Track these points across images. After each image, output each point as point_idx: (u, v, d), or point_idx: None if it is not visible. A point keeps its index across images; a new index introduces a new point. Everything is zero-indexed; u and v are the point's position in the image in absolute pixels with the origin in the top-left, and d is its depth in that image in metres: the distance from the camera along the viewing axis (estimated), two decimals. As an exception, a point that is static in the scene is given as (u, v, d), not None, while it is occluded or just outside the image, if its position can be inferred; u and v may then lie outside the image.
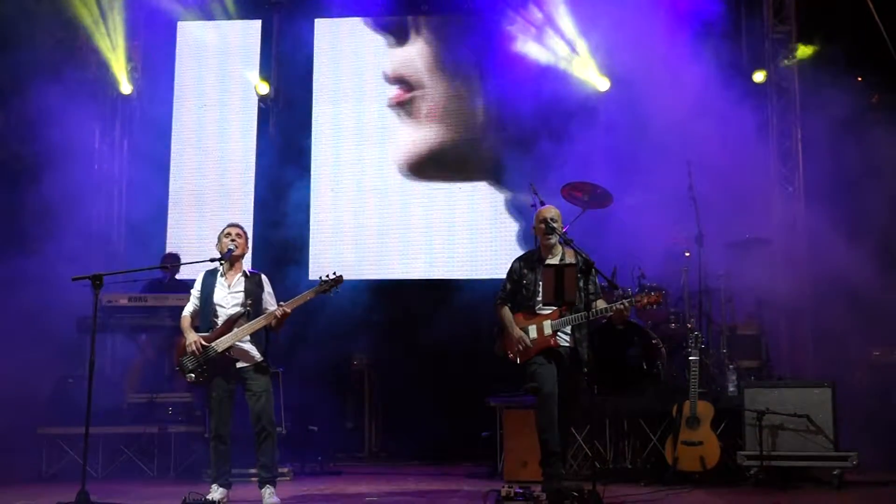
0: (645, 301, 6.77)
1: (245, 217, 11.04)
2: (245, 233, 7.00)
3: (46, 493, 7.64)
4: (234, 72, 11.63)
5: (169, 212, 11.39)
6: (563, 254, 6.82)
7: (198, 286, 6.93)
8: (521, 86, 10.82)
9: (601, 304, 6.73)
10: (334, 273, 6.82)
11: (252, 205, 11.35)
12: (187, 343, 6.68)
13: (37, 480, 8.64)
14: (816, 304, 9.32)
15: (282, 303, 6.74)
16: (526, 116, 10.63)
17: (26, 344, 9.17)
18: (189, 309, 6.91)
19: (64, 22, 10.68)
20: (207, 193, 11.39)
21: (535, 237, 7.03)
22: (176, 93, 11.63)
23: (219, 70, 11.67)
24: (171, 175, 11.46)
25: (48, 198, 9.85)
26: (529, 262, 6.92)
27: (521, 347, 6.66)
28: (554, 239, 6.77)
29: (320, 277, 6.82)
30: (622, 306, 6.65)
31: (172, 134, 11.55)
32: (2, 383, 8.73)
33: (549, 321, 6.70)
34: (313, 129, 11.48)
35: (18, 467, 8.92)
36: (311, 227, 11.28)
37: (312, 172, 11.37)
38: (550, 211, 6.89)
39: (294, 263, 10.90)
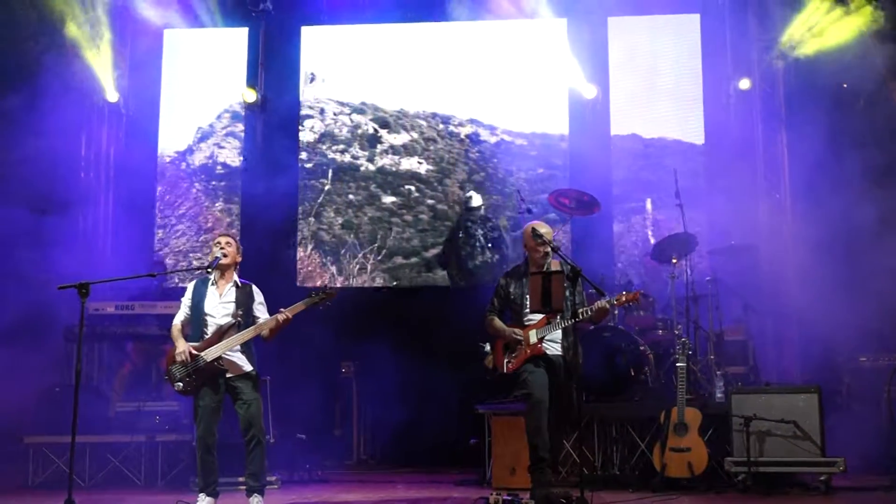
0: (624, 299, 6.79)
1: (232, 226, 11.07)
2: (236, 242, 6.97)
3: (33, 503, 7.62)
4: (220, 80, 11.61)
5: (156, 220, 11.37)
6: (549, 265, 6.85)
7: (189, 294, 6.90)
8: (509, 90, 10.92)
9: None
10: (329, 287, 6.84)
11: (239, 213, 11.34)
12: (177, 352, 6.65)
13: (23, 489, 8.58)
14: (803, 310, 9.35)
15: (282, 309, 6.73)
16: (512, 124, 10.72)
17: (13, 352, 9.13)
18: (180, 317, 6.88)
19: (50, 29, 10.65)
20: (194, 202, 11.35)
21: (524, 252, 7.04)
22: (163, 100, 11.62)
23: (205, 78, 11.65)
24: (157, 183, 11.44)
25: (34, 205, 9.82)
26: (515, 276, 6.97)
27: (512, 352, 6.73)
28: (549, 258, 6.80)
29: (311, 293, 6.81)
30: (601, 305, 6.68)
31: (159, 142, 11.54)
32: (-13, 393, 8.71)
33: (534, 330, 6.75)
34: (300, 137, 11.49)
35: (5, 476, 8.88)
36: (298, 236, 11.29)
37: (300, 181, 11.38)
38: (542, 227, 6.88)
39: (281, 272, 10.89)
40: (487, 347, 7.08)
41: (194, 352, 6.61)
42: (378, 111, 11.47)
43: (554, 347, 6.77)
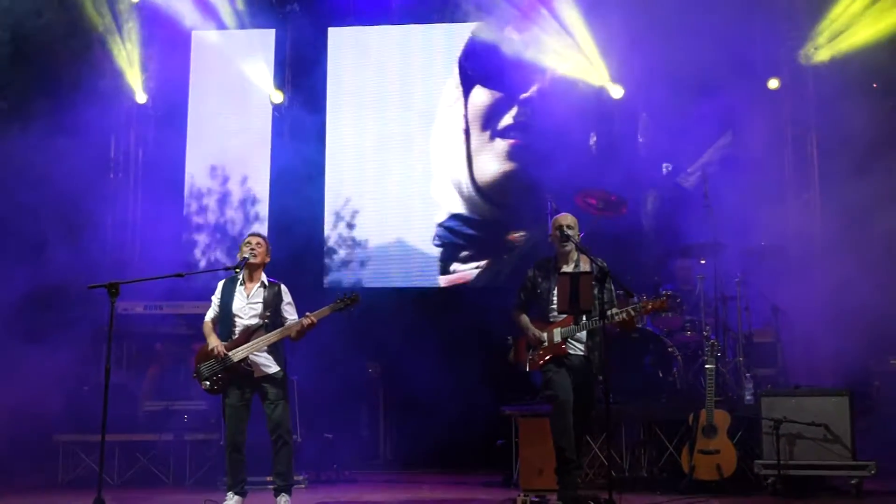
0: (650, 306, 6.73)
1: (260, 226, 11.11)
2: (266, 242, 7.00)
3: (63, 501, 7.71)
4: (248, 81, 11.64)
5: (184, 220, 11.42)
6: (579, 261, 6.82)
7: (218, 293, 6.94)
8: (536, 94, 10.90)
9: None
10: (354, 292, 6.86)
11: (267, 213, 11.37)
12: (210, 348, 6.69)
13: (53, 488, 8.67)
14: (833, 312, 9.27)
15: (308, 313, 6.74)
16: (541, 125, 10.70)
17: (43, 352, 9.21)
18: (210, 315, 6.93)
19: (79, 32, 10.73)
20: (222, 202, 11.40)
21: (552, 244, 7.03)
22: (190, 102, 11.66)
23: (233, 79, 11.69)
24: (185, 184, 11.48)
25: (63, 207, 9.90)
26: (544, 270, 6.93)
27: (534, 350, 6.71)
28: (569, 246, 6.78)
29: (337, 299, 6.84)
30: (626, 315, 6.63)
31: (187, 143, 11.57)
32: (18, 391, 8.79)
33: (558, 328, 6.71)
34: (328, 138, 11.50)
35: (35, 475, 8.97)
36: (325, 236, 11.31)
37: (327, 181, 11.40)
38: (566, 218, 6.89)
39: (309, 272, 10.91)
40: (511, 340, 7.07)
41: (224, 350, 6.64)
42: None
43: (577, 347, 6.74)
